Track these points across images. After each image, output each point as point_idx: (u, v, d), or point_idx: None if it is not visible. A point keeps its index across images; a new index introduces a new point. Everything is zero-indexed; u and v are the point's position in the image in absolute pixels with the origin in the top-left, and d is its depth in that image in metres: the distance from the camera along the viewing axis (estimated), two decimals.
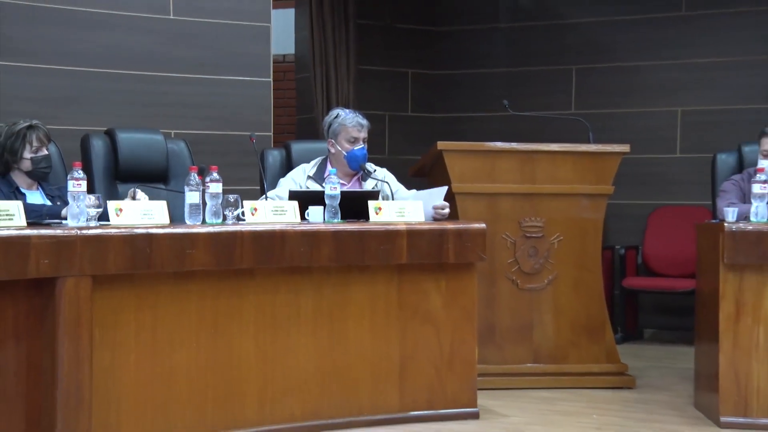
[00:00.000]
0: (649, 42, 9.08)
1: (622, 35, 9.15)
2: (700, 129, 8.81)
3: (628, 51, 9.13)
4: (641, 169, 8.30)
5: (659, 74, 9.04)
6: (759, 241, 5.43)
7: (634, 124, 8.69)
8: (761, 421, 5.43)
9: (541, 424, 5.53)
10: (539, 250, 6.49)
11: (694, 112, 8.92)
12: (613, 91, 9.12)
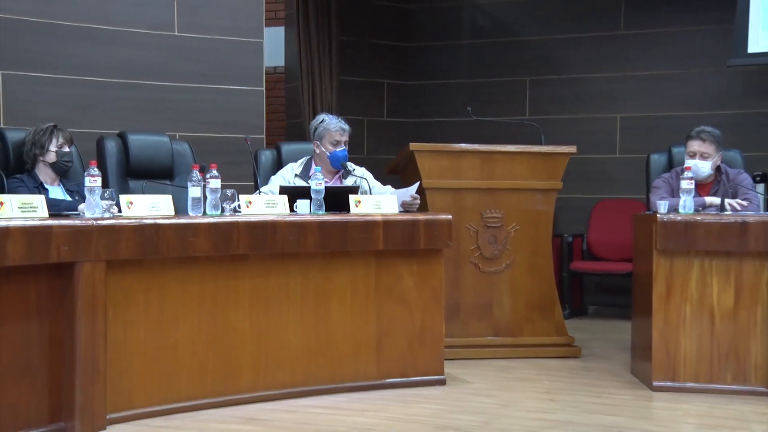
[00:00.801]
0: (593, 57, 9.11)
1: (569, 51, 9.18)
2: (635, 133, 8.85)
3: (575, 65, 9.15)
4: (586, 168, 8.30)
5: (601, 85, 9.08)
6: (686, 230, 5.47)
7: (580, 129, 8.70)
8: (688, 385, 5.47)
9: (500, 390, 5.54)
10: (498, 238, 6.48)
11: (631, 118, 8.96)
12: (561, 100, 9.15)
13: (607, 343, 7.06)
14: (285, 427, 4.65)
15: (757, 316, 5.44)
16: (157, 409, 4.75)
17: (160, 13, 7.26)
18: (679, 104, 8.70)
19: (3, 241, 4.14)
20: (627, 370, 6.08)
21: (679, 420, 4.98)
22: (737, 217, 5.52)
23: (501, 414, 4.98)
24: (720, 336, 5.48)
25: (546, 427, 4.75)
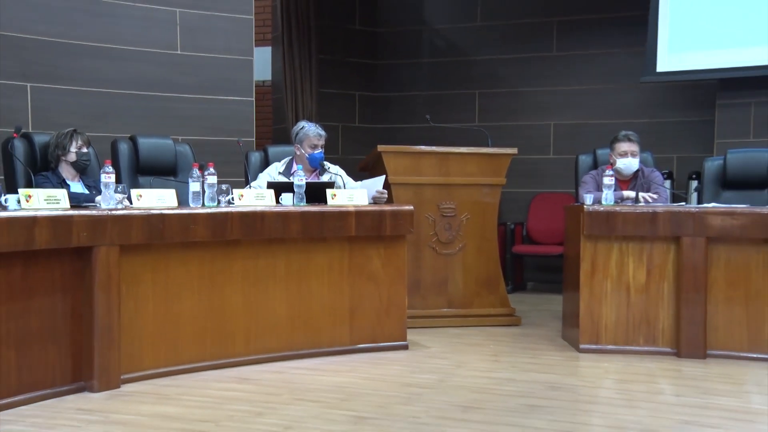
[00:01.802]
0: (530, 74, 9.10)
1: (511, 69, 9.16)
2: (566, 137, 8.86)
3: (516, 80, 9.14)
4: (525, 166, 8.28)
5: (538, 97, 9.07)
6: (607, 218, 5.51)
7: (520, 134, 8.67)
8: (608, 347, 5.54)
9: (453, 353, 5.56)
10: (452, 226, 6.48)
11: (562, 125, 8.96)
12: (505, 109, 9.13)
13: (542, 313, 7.09)
14: (272, 386, 4.65)
15: (665, 289, 5.51)
16: (164, 370, 4.77)
17: (165, 35, 7.22)
18: (601, 114, 8.73)
19: (31, 228, 4.16)
20: (559, 335, 6.13)
21: (601, 376, 5.02)
22: (649, 207, 5.58)
23: (454, 373, 5.01)
24: (634, 306, 5.55)
25: (491, 383, 4.77)
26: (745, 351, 5.42)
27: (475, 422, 4.00)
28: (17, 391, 4.18)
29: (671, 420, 4.12)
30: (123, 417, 4.03)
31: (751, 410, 4.37)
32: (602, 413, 4.33)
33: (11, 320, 4.15)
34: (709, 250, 5.43)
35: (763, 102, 7.80)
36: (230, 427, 3.89)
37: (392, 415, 4.09)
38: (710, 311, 5.44)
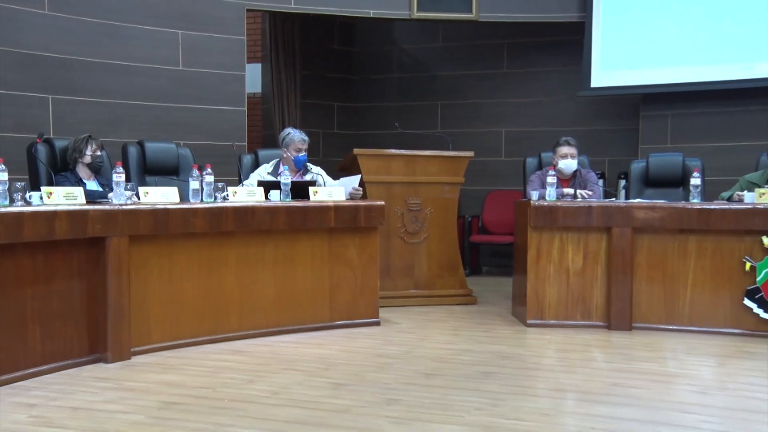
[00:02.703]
0: (485, 87, 9.12)
1: (468, 83, 9.18)
2: (516, 142, 8.87)
3: (472, 93, 9.15)
4: (481, 167, 8.28)
5: (492, 108, 9.09)
6: (551, 212, 5.54)
7: (477, 139, 8.68)
8: (550, 322, 5.58)
9: (419, 328, 5.58)
10: (418, 218, 6.49)
11: (512, 131, 8.97)
12: (463, 118, 9.14)
13: (495, 294, 7.09)
14: (262, 356, 4.66)
15: (598, 272, 5.55)
16: (168, 344, 4.77)
17: (169, 53, 7.21)
18: (545, 122, 8.75)
19: (52, 221, 4.16)
20: (509, 312, 6.17)
21: (545, 346, 5.06)
22: (585, 202, 5.61)
23: (419, 345, 5.03)
24: (573, 287, 5.58)
25: (451, 354, 4.80)
26: (663, 324, 5.50)
27: (437, 387, 4.01)
28: (41, 362, 4.19)
29: (603, 383, 4.16)
30: (133, 384, 4.04)
31: (669, 373, 4.45)
32: (545, 378, 4.36)
33: (36, 301, 4.15)
34: (635, 239, 5.48)
35: (678, 114, 7.89)
36: (225, 392, 3.89)
37: (366, 382, 4.10)
38: (635, 290, 5.50)
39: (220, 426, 3.37)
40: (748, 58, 7.47)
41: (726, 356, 4.87)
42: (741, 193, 5.62)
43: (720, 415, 3.67)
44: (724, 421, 3.57)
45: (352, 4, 7.87)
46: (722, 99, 7.71)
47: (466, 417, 3.53)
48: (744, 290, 5.34)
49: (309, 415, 3.53)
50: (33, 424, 3.43)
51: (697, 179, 5.55)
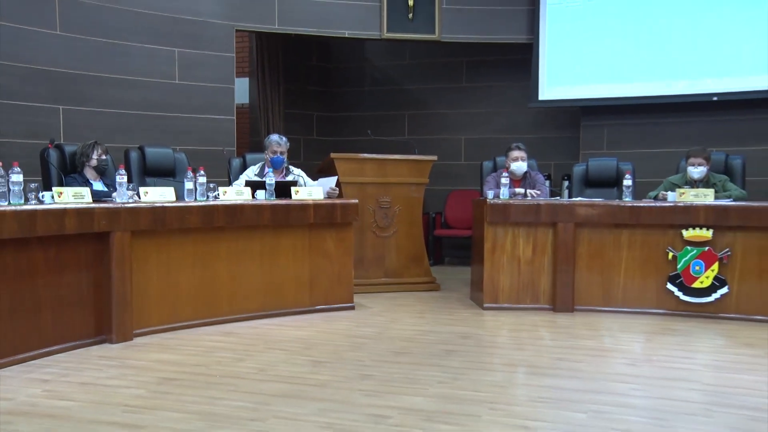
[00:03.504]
0: (447, 99, 9.12)
1: (432, 95, 9.20)
2: (473, 148, 8.89)
3: (436, 104, 9.17)
4: (443, 170, 8.28)
5: (453, 118, 9.11)
6: (503, 209, 5.56)
7: (439, 145, 8.64)
8: (504, 305, 5.60)
9: (388, 312, 5.58)
10: (388, 215, 6.50)
11: (471, 138, 8.99)
12: (428, 127, 9.15)
13: (456, 281, 7.09)
14: (250, 337, 4.66)
15: (545, 262, 5.59)
16: (166, 327, 4.76)
17: (166, 68, 7.17)
18: (499, 130, 8.77)
19: (62, 218, 4.14)
20: (468, 297, 6.19)
21: (500, 327, 5.09)
22: (534, 201, 5.64)
23: (390, 327, 5.05)
24: (523, 274, 5.61)
25: (418, 334, 4.82)
26: (600, 306, 5.56)
27: (405, 363, 4.03)
28: (53, 343, 4.18)
29: (549, 358, 4.21)
30: (135, 362, 4.03)
31: (605, 348, 4.51)
32: (499, 354, 4.41)
33: (48, 289, 4.14)
34: (577, 232, 5.52)
35: (613, 124, 7.96)
36: (217, 369, 3.89)
37: (342, 359, 4.12)
38: (577, 277, 5.54)
39: (213, 399, 3.37)
40: (669, 76, 7.60)
41: (652, 333, 4.94)
42: (665, 193, 5.70)
43: (646, 383, 3.74)
44: (649, 388, 3.65)
45: (329, 26, 7.86)
46: (649, 112, 7.80)
47: (431, 389, 3.55)
48: (667, 276, 5.42)
49: (292, 389, 3.54)
50: (46, 398, 3.43)
51: (629, 180, 5.62)
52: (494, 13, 8.07)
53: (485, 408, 3.29)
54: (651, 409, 3.32)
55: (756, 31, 7.30)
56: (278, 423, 3.06)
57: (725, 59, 7.42)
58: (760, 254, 5.26)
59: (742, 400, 3.47)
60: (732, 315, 5.30)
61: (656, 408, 3.33)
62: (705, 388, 3.64)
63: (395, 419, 3.13)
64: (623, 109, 7.86)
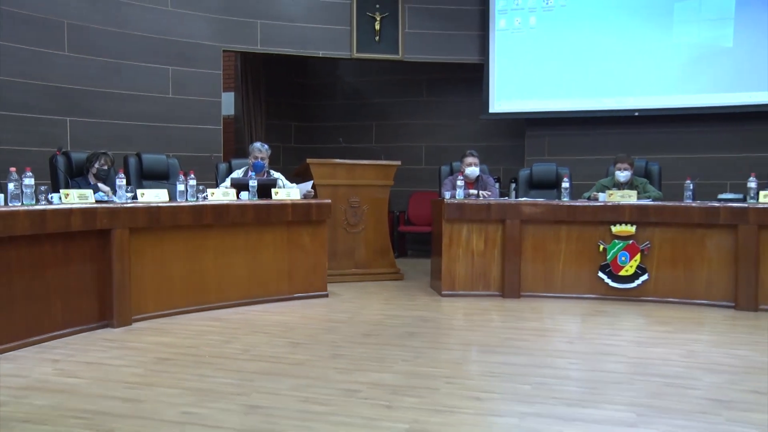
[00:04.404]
0: (409, 111, 9.14)
1: (397, 108, 9.20)
2: (433, 154, 8.90)
3: (400, 115, 9.18)
4: (406, 173, 8.24)
5: (414, 128, 9.12)
6: (459, 208, 5.59)
7: (403, 151, 8.62)
8: (460, 292, 5.61)
9: (359, 299, 5.58)
10: (358, 213, 6.49)
11: (430, 146, 9.01)
12: (393, 135, 9.16)
13: (417, 271, 7.09)
14: (235, 322, 4.65)
15: (495, 254, 5.61)
16: (161, 313, 4.74)
17: (162, 84, 7.15)
18: (455, 139, 8.79)
19: (69, 216, 4.12)
20: (428, 285, 6.20)
21: (456, 311, 5.11)
22: (486, 201, 5.66)
23: (360, 312, 5.05)
24: (476, 265, 5.63)
25: (384, 318, 4.83)
26: (543, 292, 5.59)
27: (373, 344, 4.05)
28: (62, 327, 4.16)
29: (498, 338, 4.24)
30: (134, 344, 4.02)
31: (547, 329, 4.56)
32: (456, 335, 4.44)
33: (58, 279, 4.12)
34: (522, 228, 5.54)
35: (553, 134, 8.04)
36: (207, 350, 3.89)
37: (318, 341, 4.11)
38: (523, 267, 5.57)
39: (203, 377, 3.37)
40: (600, 94, 7.73)
41: (586, 314, 5.00)
42: (596, 194, 5.75)
43: (581, 357, 3.80)
44: (584, 362, 3.71)
45: (305, 47, 7.86)
46: (583, 124, 7.89)
47: (396, 366, 3.56)
48: (598, 266, 5.48)
49: (273, 367, 3.54)
50: (57, 375, 3.42)
51: (566, 183, 5.67)
52: (450, 37, 8.13)
53: (443, 382, 3.31)
54: (585, 379, 3.37)
55: (669, 57, 7.51)
56: (260, 397, 3.07)
57: (645, 81, 7.60)
58: (674, 246, 5.36)
59: (658, 369, 3.56)
60: (651, 298, 5.39)
61: (589, 378, 3.38)
62: (629, 360, 3.72)
63: (365, 393, 3.13)
64: (562, 121, 7.96)
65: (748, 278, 5.12)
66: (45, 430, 2.71)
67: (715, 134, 7.57)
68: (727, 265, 5.22)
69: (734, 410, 2.96)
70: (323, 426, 2.73)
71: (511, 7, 7.95)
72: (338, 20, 7.94)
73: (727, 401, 3.07)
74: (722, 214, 5.21)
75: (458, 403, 3.02)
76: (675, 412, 2.92)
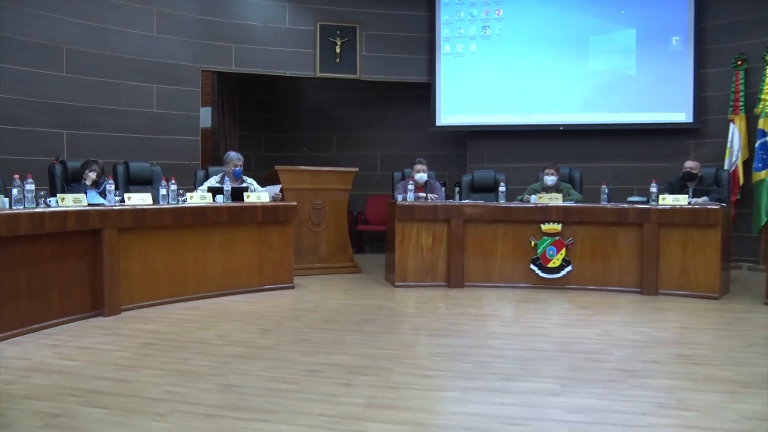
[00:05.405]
0: (365, 124, 9.11)
1: (355, 121, 9.17)
2: (387, 162, 8.86)
3: (358, 127, 9.14)
4: (363, 179, 8.07)
5: (370, 139, 9.10)
6: (410, 209, 5.63)
7: (361, 159, 8.56)
8: (411, 284, 5.63)
9: (322, 290, 5.55)
10: (320, 214, 6.46)
11: (385, 155, 8.98)
12: (351, 145, 9.12)
13: (373, 265, 7.03)
14: (212, 311, 4.63)
15: (442, 250, 5.64)
16: (147, 303, 4.71)
17: (147, 100, 7.06)
18: (406, 148, 8.75)
19: (65, 218, 4.11)
20: (383, 278, 6.18)
21: (408, 300, 5.13)
22: (433, 203, 5.71)
23: (322, 301, 5.03)
24: (425, 259, 5.66)
25: (344, 306, 4.83)
26: (483, 282, 5.62)
27: (334, 330, 4.05)
28: (60, 316, 4.15)
29: (444, 322, 4.31)
30: (124, 331, 4.01)
31: (486, 314, 4.63)
32: (407, 321, 4.49)
33: (55, 274, 4.10)
34: (465, 227, 5.59)
35: (492, 145, 8.12)
36: (187, 336, 3.89)
37: (285, 328, 4.12)
38: (466, 261, 5.61)
39: (183, 359, 3.38)
40: (531, 110, 7.86)
41: (519, 301, 5.06)
42: (528, 197, 5.81)
43: (516, 339, 3.88)
44: (517, 342, 3.79)
45: (274, 67, 7.85)
46: (517, 136, 8.00)
47: (354, 349, 3.59)
48: (530, 259, 5.56)
49: (245, 351, 3.56)
50: (56, 358, 3.42)
51: (503, 187, 5.75)
52: (402, 60, 8.19)
53: (396, 362, 3.34)
54: (519, 357, 3.46)
55: (587, 81, 7.74)
56: (234, 377, 3.08)
57: (568, 100, 7.81)
58: (593, 242, 5.49)
59: (579, 346, 3.68)
60: (574, 286, 5.49)
61: (522, 357, 3.47)
62: (555, 340, 3.83)
63: (326, 373, 3.16)
64: (499, 133, 8.07)
65: (650, 268, 5.29)
66: (45, 405, 2.72)
67: (624, 146, 7.82)
68: (634, 257, 5.37)
69: (637, 378, 3.12)
70: (289, 402, 2.76)
71: (454, 35, 8.08)
72: (304, 44, 7.95)
73: (633, 370, 3.23)
74: (631, 214, 5.36)
75: (409, 380, 3.06)
76: (591, 381, 3.05)
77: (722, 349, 3.64)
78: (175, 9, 7.31)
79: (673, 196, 5.40)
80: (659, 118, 7.61)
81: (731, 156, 7.18)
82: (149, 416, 2.62)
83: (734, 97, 7.25)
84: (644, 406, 2.75)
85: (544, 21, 7.85)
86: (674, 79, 7.55)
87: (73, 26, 6.58)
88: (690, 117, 7.52)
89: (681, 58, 7.52)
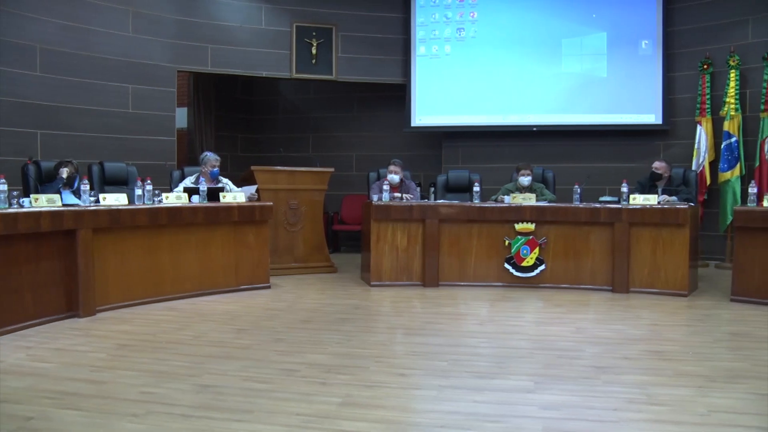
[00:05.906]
0: (341, 125, 9.12)
1: (330, 122, 9.16)
2: (363, 162, 8.89)
3: (334, 128, 9.14)
4: (339, 179, 8.15)
5: (346, 139, 9.08)
6: (386, 209, 5.64)
7: (337, 160, 8.55)
8: (386, 283, 5.64)
9: (297, 290, 5.54)
10: (297, 214, 6.44)
11: (361, 155, 8.99)
12: (327, 146, 9.10)
13: (349, 265, 7.03)
14: (188, 311, 4.61)
15: (417, 249, 5.66)
16: (122, 304, 4.67)
17: (123, 101, 7.00)
18: (381, 149, 8.78)
19: (38, 218, 4.06)
20: (359, 277, 6.19)
21: (383, 299, 5.14)
22: (408, 203, 5.71)
23: (298, 301, 5.02)
24: (401, 259, 5.67)
25: (320, 305, 4.80)
26: (458, 281, 5.64)
27: (310, 329, 4.06)
28: (34, 317, 4.10)
29: (420, 321, 4.32)
30: (99, 332, 3.96)
31: (461, 313, 4.65)
32: (383, 320, 4.49)
33: (29, 275, 4.05)
34: (440, 226, 5.61)
35: (466, 145, 8.18)
36: (163, 336, 3.87)
37: (261, 327, 4.11)
38: (441, 261, 5.63)
39: (160, 360, 3.36)
40: (505, 111, 7.93)
41: (494, 300, 5.09)
42: (503, 197, 5.85)
43: (490, 337, 3.91)
44: (492, 340, 3.82)
45: (250, 67, 7.81)
46: (491, 137, 8.08)
47: (330, 348, 3.59)
48: (504, 258, 5.59)
49: (221, 351, 3.54)
50: (30, 360, 3.37)
51: (477, 187, 5.77)
52: (377, 61, 8.21)
53: (372, 361, 3.34)
54: (494, 355, 3.48)
55: (559, 82, 7.85)
56: (210, 378, 3.07)
57: (541, 101, 7.90)
58: (565, 241, 5.55)
59: (552, 344, 3.73)
60: (547, 285, 5.55)
61: (497, 354, 3.49)
62: (530, 338, 3.87)
63: (303, 372, 3.15)
64: (473, 134, 8.13)
65: (621, 266, 5.38)
66: (20, 409, 2.68)
67: (596, 147, 7.96)
68: (606, 255, 5.45)
69: (610, 374, 3.18)
70: (266, 402, 2.75)
71: (429, 37, 8.13)
72: (280, 45, 7.93)
73: (605, 367, 3.29)
74: (602, 214, 5.44)
75: (385, 379, 3.06)
76: (565, 378, 3.10)
77: (691, 345, 3.72)
78: (151, 9, 7.24)
79: (643, 195, 5.48)
80: (629, 120, 7.74)
81: (698, 157, 7.33)
82: (125, 417, 2.60)
83: (701, 99, 7.41)
84: (616, 401, 2.79)
85: (517, 24, 7.94)
86: (644, 82, 7.69)
87: (48, 26, 6.49)
88: (659, 119, 7.67)
89: (650, 61, 7.67)
